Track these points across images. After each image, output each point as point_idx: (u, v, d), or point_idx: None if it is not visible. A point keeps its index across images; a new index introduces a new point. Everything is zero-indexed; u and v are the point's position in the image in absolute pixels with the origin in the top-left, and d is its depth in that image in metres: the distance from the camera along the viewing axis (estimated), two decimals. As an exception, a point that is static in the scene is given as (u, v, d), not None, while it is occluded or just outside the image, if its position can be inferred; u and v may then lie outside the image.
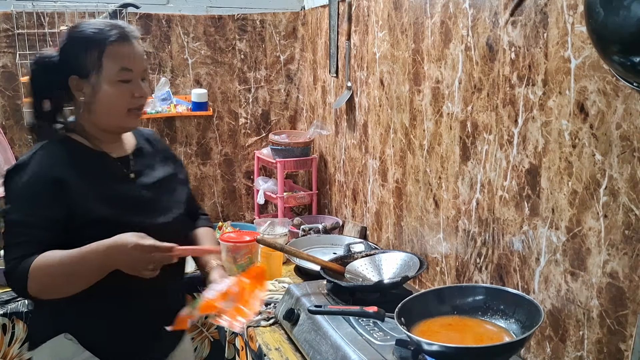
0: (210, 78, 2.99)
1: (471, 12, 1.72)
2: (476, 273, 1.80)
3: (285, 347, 1.73)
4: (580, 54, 1.36)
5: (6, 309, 2.12)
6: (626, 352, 1.29)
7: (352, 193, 2.67)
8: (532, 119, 1.52)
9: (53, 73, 1.43)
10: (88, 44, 1.42)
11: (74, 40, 1.45)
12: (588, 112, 1.34)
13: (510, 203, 1.62)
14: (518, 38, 1.55)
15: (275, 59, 3.11)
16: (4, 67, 2.61)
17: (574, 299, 1.43)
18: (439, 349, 1.28)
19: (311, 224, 2.64)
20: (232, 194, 3.14)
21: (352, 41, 2.54)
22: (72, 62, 1.43)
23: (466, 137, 1.80)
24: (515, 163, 1.59)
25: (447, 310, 1.48)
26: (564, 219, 1.44)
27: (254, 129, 3.13)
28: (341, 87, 2.68)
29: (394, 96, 2.21)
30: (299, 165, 2.92)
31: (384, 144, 2.32)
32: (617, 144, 1.28)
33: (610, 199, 1.30)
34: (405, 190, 2.18)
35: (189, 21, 2.90)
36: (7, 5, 2.57)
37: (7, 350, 2.13)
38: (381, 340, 1.49)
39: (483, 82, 1.70)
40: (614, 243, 1.30)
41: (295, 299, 1.80)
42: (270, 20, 3.06)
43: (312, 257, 2.01)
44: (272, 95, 3.14)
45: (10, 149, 2.64)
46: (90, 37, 1.42)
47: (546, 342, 1.53)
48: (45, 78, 1.44)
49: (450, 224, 1.91)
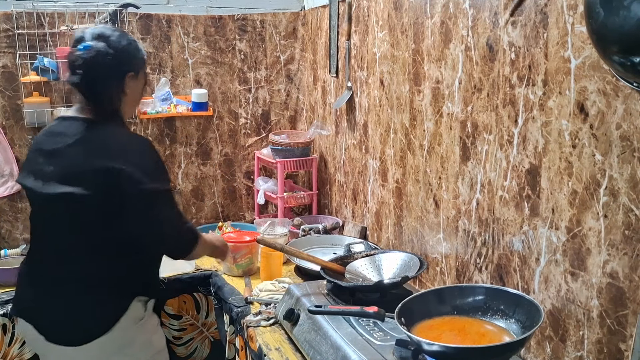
0: (210, 78, 2.99)
1: (471, 12, 1.72)
2: (476, 273, 1.80)
3: (285, 347, 1.73)
4: (580, 54, 1.36)
5: (6, 309, 2.12)
6: (626, 352, 1.29)
7: (352, 193, 2.67)
8: (532, 119, 1.52)
9: (113, 69, 1.65)
10: (139, 46, 1.74)
11: (133, 43, 1.71)
12: (588, 112, 1.35)
13: (510, 203, 1.62)
14: (518, 38, 1.55)
15: (276, 59, 3.11)
16: (4, 67, 2.61)
17: (574, 299, 1.43)
18: (439, 349, 1.28)
19: (311, 224, 2.64)
20: (232, 194, 3.14)
21: (352, 41, 2.54)
22: (130, 61, 1.69)
23: (466, 137, 1.80)
24: (515, 163, 1.59)
25: (447, 310, 1.49)
26: (564, 219, 1.44)
27: (254, 129, 3.13)
28: (341, 87, 2.68)
29: (394, 96, 2.21)
30: (299, 166, 2.92)
31: (384, 144, 2.32)
32: (617, 144, 1.28)
33: (610, 199, 1.31)
34: (405, 191, 2.18)
35: (189, 21, 2.90)
36: (7, 5, 2.57)
37: (7, 350, 2.13)
38: (381, 340, 1.49)
39: (483, 82, 1.70)
40: (614, 243, 1.30)
41: (296, 299, 1.80)
42: (271, 21, 3.06)
43: (312, 257, 2.01)
44: (272, 95, 3.14)
45: (11, 149, 2.64)
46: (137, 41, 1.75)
47: (546, 342, 1.53)
48: (105, 73, 1.64)
49: (450, 224, 1.91)
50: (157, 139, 2.91)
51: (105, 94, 1.65)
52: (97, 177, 1.54)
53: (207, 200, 3.08)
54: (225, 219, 3.08)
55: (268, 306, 1.97)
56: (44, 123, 2.65)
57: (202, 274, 2.38)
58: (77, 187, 1.54)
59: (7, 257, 2.46)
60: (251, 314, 1.94)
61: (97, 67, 1.61)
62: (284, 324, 1.81)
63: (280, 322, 1.85)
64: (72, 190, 1.54)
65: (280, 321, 1.85)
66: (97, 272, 1.61)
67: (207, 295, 2.39)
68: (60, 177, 1.57)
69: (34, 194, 1.65)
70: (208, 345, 2.44)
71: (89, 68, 1.60)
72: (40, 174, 1.61)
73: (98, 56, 1.60)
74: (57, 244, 1.64)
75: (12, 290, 2.20)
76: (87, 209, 1.57)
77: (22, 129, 2.66)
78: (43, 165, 1.61)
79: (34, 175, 1.63)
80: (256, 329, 1.85)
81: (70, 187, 1.54)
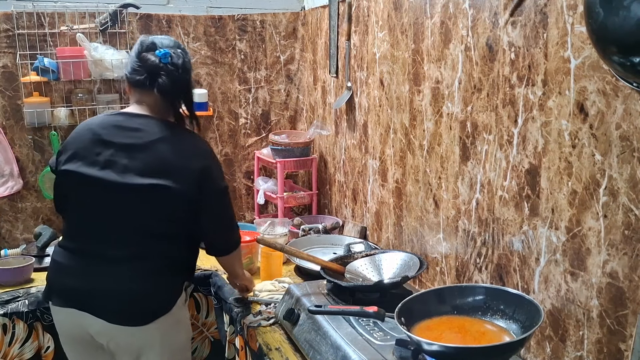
0: (210, 78, 3.00)
1: (471, 12, 1.73)
2: (476, 273, 1.80)
3: (285, 347, 1.74)
4: (580, 54, 1.36)
5: (6, 309, 2.12)
6: (626, 352, 1.29)
7: (352, 193, 2.67)
8: (531, 119, 1.52)
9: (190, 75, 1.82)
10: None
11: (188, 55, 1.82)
12: (588, 112, 1.35)
13: (510, 203, 1.63)
14: (518, 38, 1.55)
15: (275, 59, 3.11)
16: (4, 67, 2.61)
17: (574, 299, 1.43)
18: (439, 349, 1.28)
19: (311, 224, 2.64)
20: (232, 194, 3.14)
21: (352, 41, 2.54)
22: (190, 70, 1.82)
23: (466, 137, 1.80)
24: (515, 163, 1.59)
25: (447, 310, 1.49)
26: (563, 219, 1.44)
27: (254, 129, 3.14)
28: (341, 87, 2.68)
29: (394, 96, 2.21)
30: (299, 166, 2.92)
31: (384, 144, 2.32)
32: (616, 144, 1.28)
33: (610, 199, 1.31)
34: (405, 191, 2.18)
35: (189, 21, 2.90)
36: (7, 6, 2.57)
37: (7, 350, 2.13)
38: (381, 340, 1.49)
39: (483, 82, 1.70)
40: (614, 243, 1.31)
41: (296, 299, 1.80)
42: (270, 21, 3.06)
43: (312, 257, 2.01)
44: (272, 95, 3.14)
45: (11, 149, 2.64)
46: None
47: (546, 342, 1.54)
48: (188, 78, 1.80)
49: (450, 224, 1.92)
50: (157, 139, 2.91)
51: (186, 98, 1.82)
52: (193, 174, 1.69)
53: (207, 200, 3.07)
54: (225, 219, 3.08)
55: (268, 306, 1.97)
56: (44, 123, 2.65)
57: (202, 274, 2.38)
58: (168, 180, 1.67)
59: (7, 257, 2.46)
60: (251, 314, 1.94)
61: (182, 72, 1.75)
62: (284, 324, 1.81)
63: (280, 322, 1.85)
64: (163, 183, 1.67)
65: (280, 321, 1.85)
66: (160, 256, 1.72)
67: (207, 295, 2.39)
68: (147, 170, 1.67)
69: (100, 184, 1.68)
70: (208, 345, 2.44)
71: (175, 72, 1.73)
72: (111, 165, 1.68)
73: (184, 62, 1.76)
74: (123, 229, 1.70)
75: (12, 290, 2.21)
76: (173, 201, 1.69)
77: (22, 129, 2.67)
78: (117, 157, 1.68)
79: (101, 165, 1.69)
80: (256, 329, 1.85)
81: (160, 179, 1.67)
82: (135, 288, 1.67)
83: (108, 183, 1.67)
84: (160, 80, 1.72)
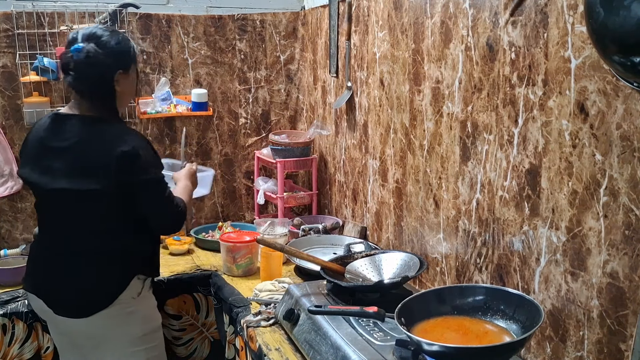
0: (210, 78, 2.99)
1: (471, 12, 1.72)
2: (476, 273, 1.80)
3: (285, 347, 1.73)
4: (580, 54, 1.35)
5: (6, 309, 2.12)
6: (626, 352, 1.29)
7: (352, 193, 2.67)
8: (532, 119, 1.52)
9: (103, 69, 1.75)
10: (129, 43, 1.83)
11: (123, 41, 1.80)
12: (588, 112, 1.34)
13: (511, 203, 1.62)
14: (518, 38, 1.55)
15: (275, 59, 3.11)
16: (4, 67, 2.61)
17: (574, 299, 1.43)
18: (439, 349, 1.28)
19: (311, 224, 2.63)
20: (232, 194, 3.14)
21: (352, 41, 2.54)
22: (119, 59, 1.78)
23: (466, 137, 1.79)
24: (516, 163, 1.59)
25: (447, 310, 1.49)
26: (564, 219, 1.44)
27: (254, 129, 3.13)
28: (341, 87, 2.68)
29: (394, 96, 2.21)
30: (299, 166, 2.92)
31: (384, 144, 2.32)
32: (617, 144, 1.28)
33: (611, 199, 1.30)
34: (405, 191, 2.18)
35: (189, 21, 2.90)
36: (7, 5, 2.57)
37: (7, 350, 2.13)
38: (381, 341, 1.49)
39: (483, 82, 1.70)
40: (614, 243, 1.30)
41: (295, 299, 1.80)
42: (270, 20, 3.05)
43: (312, 257, 2.01)
44: (272, 95, 3.14)
45: (10, 149, 2.64)
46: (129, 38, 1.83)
47: (546, 342, 1.53)
48: (96, 73, 1.74)
49: (450, 224, 1.91)
50: (157, 139, 2.91)
51: (98, 93, 1.78)
52: (111, 166, 1.69)
53: (207, 200, 3.07)
54: (225, 219, 3.08)
55: (268, 306, 1.97)
56: (44, 123, 2.65)
57: (202, 274, 2.38)
58: (90, 180, 1.70)
59: (7, 257, 2.46)
60: (251, 314, 1.94)
61: (87, 68, 1.72)
62: (284, 324, 1.81)
63: (280, 322, 1.85)
64: (84, 185, 1.70)
65: (280, 321, 1.85)
66: (101, 249, 1.77)
67: (207, 296, 2.39)
68: (72, 172, 1.72)
69: (40, 188, 1.79)
70: (208, 346, 2.44)
71: (80, 69, 1.73)
72: (47, 170, 1.76)
73: (88, 57, 1.72)
74: (66, 227, 1.80)
75: (12, 290, 2.22)
76: (101, 198, 1.73)
77: (22, 129, 2.66)
78: (50, 161, 1.75)
79: (40, 170, 1.77)
80: (256, 329, 1.85)
81: (82, 181, 1.70)
82: (80, 282, 1.76)
83: (45, 188, 1.77)
84: (69, 78, 1.75)
